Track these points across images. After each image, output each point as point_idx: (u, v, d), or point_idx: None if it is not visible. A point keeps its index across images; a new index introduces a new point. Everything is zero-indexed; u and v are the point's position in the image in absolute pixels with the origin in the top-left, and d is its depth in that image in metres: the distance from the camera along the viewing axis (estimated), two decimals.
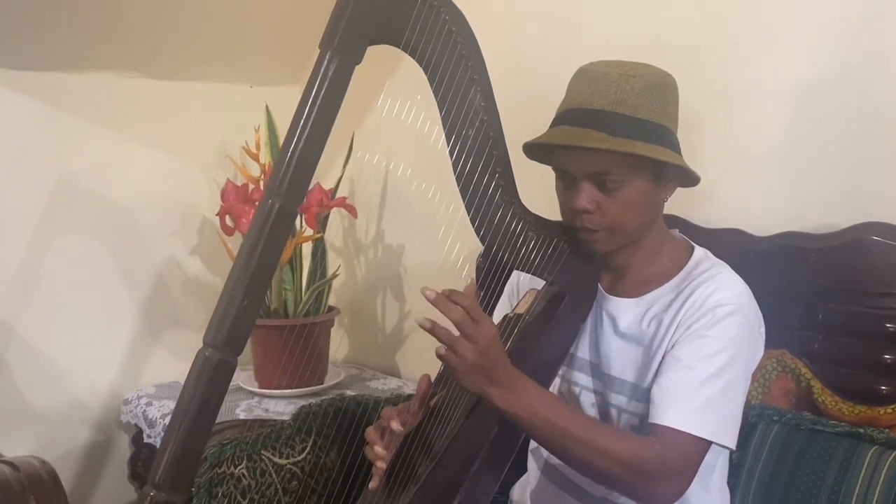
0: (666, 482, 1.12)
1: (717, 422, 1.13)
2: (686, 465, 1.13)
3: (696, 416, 1.12)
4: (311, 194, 2.02)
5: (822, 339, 1.41)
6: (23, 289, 2.00)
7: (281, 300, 2.05)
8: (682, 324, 1.19)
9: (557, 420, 1.12)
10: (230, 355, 0.98)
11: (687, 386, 1.14)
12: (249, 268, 0.98)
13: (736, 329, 1.17)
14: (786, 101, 1.53)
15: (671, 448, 1.11)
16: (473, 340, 1.06)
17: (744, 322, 1.18)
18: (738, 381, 1.17)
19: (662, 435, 1.12)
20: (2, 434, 1.94)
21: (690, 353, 1.16)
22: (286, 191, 1.00)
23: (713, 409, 1.13)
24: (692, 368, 1.15)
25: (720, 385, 1.14)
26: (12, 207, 1.95)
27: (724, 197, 1.60)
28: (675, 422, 1.12)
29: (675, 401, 1.14)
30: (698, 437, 1.12)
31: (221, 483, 1.37)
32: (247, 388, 2.08)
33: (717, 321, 1.16)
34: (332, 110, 1.02)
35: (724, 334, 1.16)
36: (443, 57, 1.11)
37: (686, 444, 1.12)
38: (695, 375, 1.14)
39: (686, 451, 1.12)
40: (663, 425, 1.13)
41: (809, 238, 1.45)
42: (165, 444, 0.96)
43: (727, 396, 1.15)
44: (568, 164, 1.22)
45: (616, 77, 1.18)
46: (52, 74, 1.97)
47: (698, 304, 1.19)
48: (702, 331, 1.16)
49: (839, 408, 1.34)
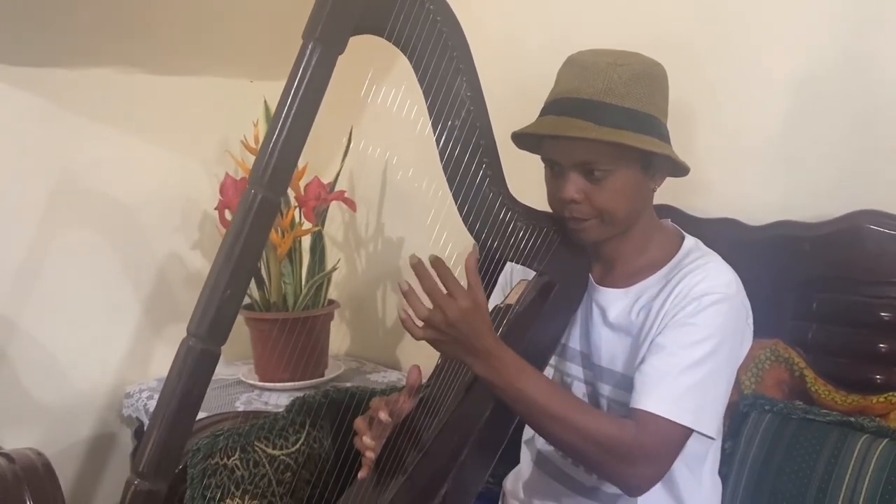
0: (640, 465, 1.11)
1: (697, 410, 1.13)
2: (662, 450, 1.12)
3: (676, 403, 1.12)
4: (309, 188, 2.03)
5: (815, 329, 1.41)
6: (25, 284, 2.01)
7: (280, 294, 2.06)
8: (669, 312, 1.18)
9: (536, 395, 1.12)
10: (213, 345, 0.98)
11: (668, 372, 1.13)
12: (232, 258, 0.99)
13: (722, 318, 1.16)
14: (780, 92, 1.53)
15: (647, 432, 1.11)
16: (443, 311, 1.07)
17: (730, 311, 1.17)
18: (721, 371, 1.16)
19: (640, 419, 1.12)
20: (4, 427, 1.96)
21: (674, 340, 1.16)
22: (268, 181, 1.00)
23: (694, 396, 1.13)
24: (675, 355, 1.14)
25: (703, 373, 1.13)
26: (14, 203, 1.96)
27: (718, 187, 1.59)
28: (653, 407, 1.11)
29: (656, 387, 1.13)
30: (676, 423, 1.11)
31: (214, 474, 1.37)
32: (247, 381, 2.09)
33: (703, 309, 1.16)
34: (314, 101, 1.02)
35: (709, 322, 1.15)
36: (427, 46, 1.11)
37: (663, 430, 1.11)
38: (677, 362, 1.14)
39: (663, 436, 1.11)
40: (641, 410, 1.12)
41: (803, 227, 1.44)
42: (149, 433, 0.96)
43: (709, 385, 1.14)
44: (555, 154, 1.22)
45: (604, 66, 1.18)
46: (54, 70, 1.98)
47: (685, 292, 1.18)
48: (686, 318, 1.16)
49: (832, 397, 1.33)
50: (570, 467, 1.30)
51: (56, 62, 1.98)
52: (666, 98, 1.23)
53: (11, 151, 1.95)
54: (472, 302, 1.08)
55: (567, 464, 1.31)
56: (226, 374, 2.15)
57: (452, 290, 1.08)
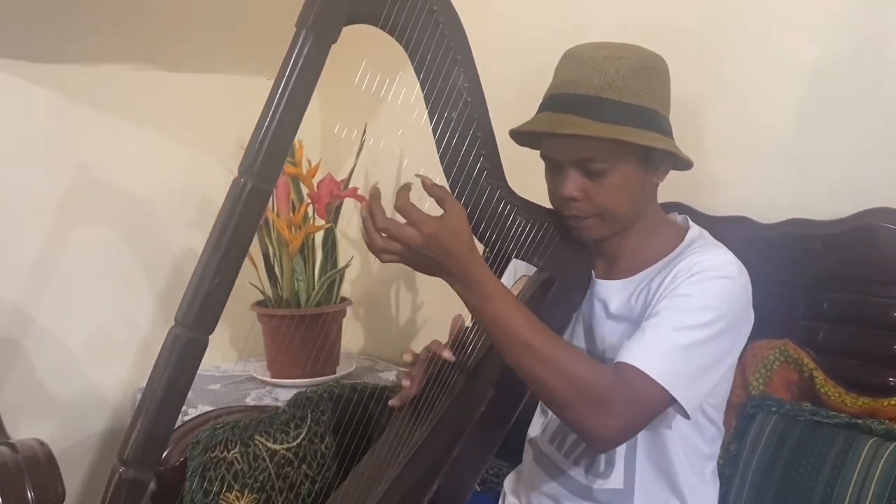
0: (609, 415, 1.07)
1: (677, 373, 1.08)
2: (633, 404, 1.08)
3: (657, 360, 1.08)
4: (321, 185, 2.02)
5: (826, 329, 1.37)
6: (41, 279, 2.04)
7: (293, 290, 2.06)
8: (668, 287, 1.15)
9: (513, 321, 1.09)
10: (201, 333, 0.98)
11: (655, 332, 1.10)
12: (221, 246, 0.99)
13: (723, 294, 1.13)
14: (792, 86, 1.49)
15: (622, 382, 1.07)
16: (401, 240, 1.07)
17: (731, 289, 1.14)
18: (713, 344, 1.11)
19: (618, 369, 1.08)
20: (19, 420, 1.97)
21: (669, 306, 1.12)
22: (258, 170, 1.00)
23: (678, 360, 1.08)
24: (667, 320, 1.11)
25: (692, 339, 1.09)
26: (30, 198, 1.99)
27: (729, 184, 1.56)
28: (633, 360, 1.08)
29: (640, 342, 1.10)
30: (653, 379, 1.07)
31: (214, 467, 1.37)
32: (259, 377, 2.09)
33: (703, 281, 1.13)
34: (306, 90, 1.01)
35: (707, 294, 1.12)
36: (423, 36, 1.10)
37: (638, 384, 1.07)
38: (667, 324, 1.10)
39: (636, 390, 1.07)
40: (621, 361, 1.09)
41: (815, 225, 1.40)
42: (135, 421, 0.96)
43: (696, 353, 1.10)
44: (553, 152, 1.20)
45: (601, 60, 1.16)
46: (70, 67, 2.01)
47: (685, 270, 1.15)
48: (685, 289, 1.13)
49: (842, 399, 1.30)
50: (568, 465, 1.28)
51: (73, 59, 2.00)
52: (667, 91, 1.21)
53: (27, 147, 1.98)
54: (436, 226, 1.07)
55: (565, 462, 1.29)
56: (238, 371, 2.15)
57: (411, 219, 1.07)
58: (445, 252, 1.08)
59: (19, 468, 1.34)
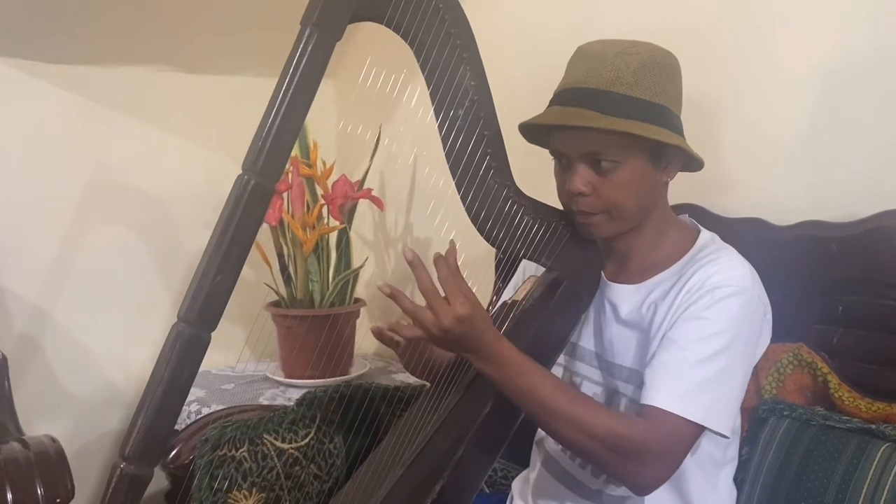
0: (648, 464, 1.07)
1: (709, 406, 1.08)
2: (671, 448, 1.08)
3: (687, 399, 1.07)
4: (336, 186, 2.02)
5: (841, 333, 1.34)
6: (59, 277, 2.06)
7: (307, 291, 2.06)
8: (681, 306, 1.14)
9: (538, 391, 1.09)
10: (203, 330, 0.98)
11: (679, 367, 1.09)
12: (223, 244, 0.99)
13: (736, 311, 1.11)
14: (807, 86, 1.47)
15: (656, 429, 1.07)
16: (436, 315, 1.05)
17: (745, 305, 1.12)
18: (735, 366, 1.11)
19: (649, 415, 1.08)
20: (37, 417, 1.99)
21: (686, 334, 1.11)
22: (262, 167, 1.00)
23: (706, 392, 1.08)
24: (686, 349, 1.10)
25: (716, 368, 1.09)
26: (50, 198, 2.01)
27: (743, 185, 1.54)
28: (663, 402, 1.07)
29: (665, 382, 1.09)
30: (687, 419, 1.07)
31: (222, 465, 1.37)
32: (273, 377, 2.09)
33: (716, 302, 1.11)
34: (310, 88, 1.01)
35: (722, 316, 1.11)
36: (429, 34, 1.10)
37: (673, 427, 1.07)
38: (689, 357, 1.09)
39: (672, 433, 1.07)
40: (650, 405, 1.08)
41: (830, 227, 1.38)
42: (136, 417, 0.97)
43: (722, 380, 1.10)
44: (562, 146, 1.19)
45: (612, 55, 1.15)
46: (89, 68, 2.03)
47: (698, 285, 1.14)
48: (699, 312, 1.12)
49: (857, 404, 1.27)
50: (577, 470, 1.27)
51: (92, 60, 2.02)
52: (678, 88, 1.20)
53: (48, 147, 2.00)
54: (471, 307, 1.06)
55: (574, 466, 1.28)
56: (252, 371, 2.16)
57: (450, 295, 1.05)
58: (469, 333, 1.07)
59: (30, 463, 1.35)
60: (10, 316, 1.99)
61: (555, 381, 1.14)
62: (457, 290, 1.05)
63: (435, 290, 1.05)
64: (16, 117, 1.97)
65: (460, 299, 1.05)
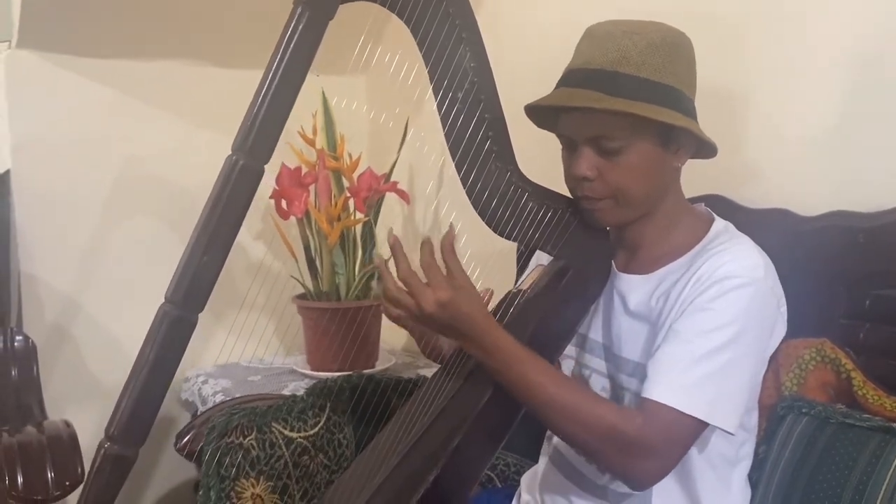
0: (644, 459, 1.03)
1: (713, 401, 1.03)
2: (668, 443, 1.04)
3: (688, 393, 1.03)
4: (361, 178, 2.02)
5: (868, 328, 1.28)
6: (90, 268, 2.09)
7: (332, 283, 2.06)
8: (689, 296, 1.09)
9: (533, 381, 1.06)
10: (189, 312, 0.98)
11: (681, 360, 1.05)
12: (210, 224, 0.99)
13: (745, 303, 1.06)
14: (834, 75, 1.40)
15: (653, 423, 1.03)
16: (418, 301, 1.04)
17: (755, 296, 1.07)
18: (743, 360, 1.07)
19: (647, 409, 1.04)
20: (68, 407, 2.02)
21: (691, 325, 1.07)
22: (250, 148, 1.00)
23: (709, 387, 1.04)
24: (690, 342, 1.06)
25: (721, 361, 1.04)
26: (82, 190, 2.04)
27: (769, 176, 1.48)
28: (661, 396, 1.03)
29: (667, 375, 1.05)
30: (687, 414, 1.02)
31: (229, 453, 1.36)
32: (299, 370, 2.09)
33: (724, 293, 1.06)
34: (301, 66, 1.01)
35: (730, 308, 1.06)
36: (426, 13, 1.08)
37: (671, 421, 1.03)
38: (692, 350, 1.05)
39: (670, 428, 1.03)
40: (649, 399, 1.04)
41: (857, 217, 1.31)
42: (122, 398, 0.97)
43: (729, 375, 1.05)
44: (567, 129, 1.16)
45: (619, 35, 1.11)
46: (122, 62, 2.05)
47: (707, 275, 1.09)
48: (706, 303, 1.07)
49: (882, 402, 1.21)
50: (583, 465, 1.23)
51: (125, 54, 2.05)
52: (691, 70, 1.15)
53: (81, 140, 2.03)
54: (453, 291, 1.04)
55: (580, 461, 1.24)
56: (281, 364, 2.16)
57: (431, 280, 1.04)
58: (458, 318, 1.05)
59: (42, 447, 1.37)
60: (41, 305, 2.03)
61: (550, 371, 1.10)
62: (437, 274, 1.03)
63: (414, 274, 1.04)
64: (49, 110, 2.00)
65: (441, 284, 1.03)
